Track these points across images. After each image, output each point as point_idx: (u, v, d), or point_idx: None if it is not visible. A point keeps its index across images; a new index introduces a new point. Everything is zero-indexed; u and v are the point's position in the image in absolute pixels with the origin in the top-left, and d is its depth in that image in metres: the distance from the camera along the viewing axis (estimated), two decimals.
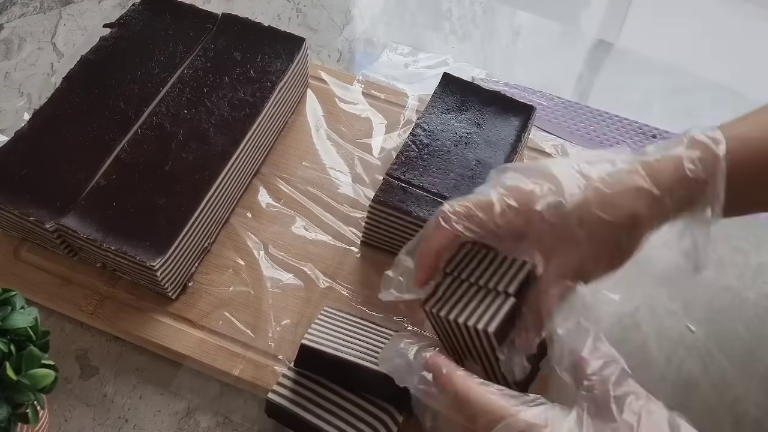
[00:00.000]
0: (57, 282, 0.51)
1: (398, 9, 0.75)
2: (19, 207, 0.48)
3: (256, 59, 0.57)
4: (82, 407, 0.47)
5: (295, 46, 0.58)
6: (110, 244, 0.46)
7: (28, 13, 0.71)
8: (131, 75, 0.56)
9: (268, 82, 0.56)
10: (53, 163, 0.50)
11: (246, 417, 0.47)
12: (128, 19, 0.60)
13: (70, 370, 0.49)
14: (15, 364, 0.37)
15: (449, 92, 0.57)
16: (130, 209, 0.49)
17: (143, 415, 0.47)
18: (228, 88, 0.56)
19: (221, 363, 0.48)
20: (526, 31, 0.74)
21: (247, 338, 0.49)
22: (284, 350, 0.48)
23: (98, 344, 0.50)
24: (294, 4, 0.74)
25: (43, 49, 0.67)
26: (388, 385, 0.37)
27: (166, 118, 0.54)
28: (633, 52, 0.73)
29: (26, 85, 0.65)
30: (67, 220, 0.48)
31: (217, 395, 0.48)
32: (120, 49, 0.58)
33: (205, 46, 0.58)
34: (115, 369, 0.49)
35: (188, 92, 0.55)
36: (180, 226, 0.48)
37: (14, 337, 0.38)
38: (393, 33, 0.72)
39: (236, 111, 0.54)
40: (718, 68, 0.71)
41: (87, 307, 0.50)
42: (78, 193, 0.49)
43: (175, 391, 0.48)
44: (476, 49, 0.72)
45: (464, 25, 0.74)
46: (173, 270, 0.48)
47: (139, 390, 0.48)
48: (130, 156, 0.51)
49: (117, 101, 0.54)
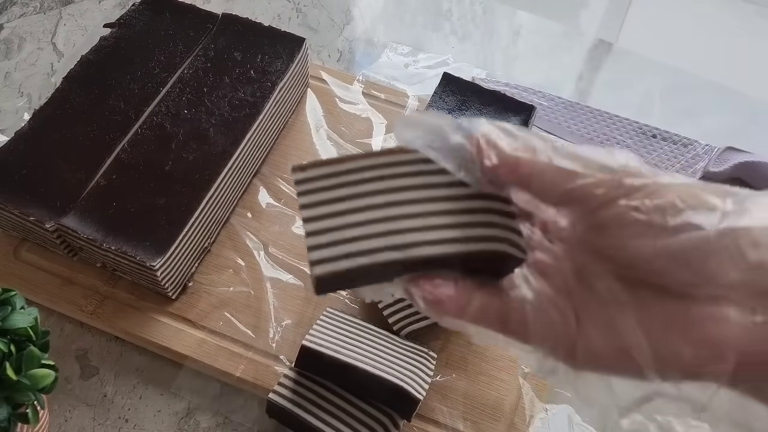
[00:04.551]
0: (57, 282, 0.51)
1: (398, 9, 0.75)
2: (19, 207, 0.48)
3: (256, 59, 0.57)
4: (82, 407, 0.47)
5: (296, 46, 0.58)
6: (110, 244, 0.46)
7: (28, 13, 0.70)
8: (131, 75, 0.56)
9: (269, 82, 0.56)
10: (53, 163, 0.50)
11: (246, 417, 0.47)
12: (128, 19, 0.60)
13: (70, 370, 0.48)
14: (15, 364, 0.37)
15: (449, 92, 0.57)
16: (130, 209, 0.48)
17: (143, 416, 0.47)
18: (228, 88, 0.55)
19: (222, 363, 0.48)
20: (526, 31, 0.74)
21: (247, 338, 0.49)
22: (285, 351, 0.48)
23: (98, 344, 0.50)
24: (294, 4, 0.74)
25: (43, 49, 0.67)
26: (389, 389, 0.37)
27: (166, 118, 0.53)
28: (633, 51, 0.73)
29: (26, 85, 0.64)
30: (67, 220, 0.47)
31: (218, 395, 0.48)
32: (120, 49, 0.57)
33: (205, 46, 0.58)
34: (115, 369, 0.49)
35: (188, 92, 0.55)
36: (180, 226, 0.48)
37: (14, 337, 0.38)
38: (393, 33, 0.72)
39: (236, 111, 0.54)
40: (719, 68, 0.71)
41: (87, 307, 0.50)
42: (78, 193, 0.49)
43: (176, 392, 0.48)
44: (476, 49, 0.72)
45: (464, 25, 0.74)
46: (173, 270, 0.48)
47: (139, 390, 0.48)
48: (131, 156, 0.51)
49: (117, 101, 0.54)
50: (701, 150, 0.62)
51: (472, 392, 0.47)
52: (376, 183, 0.25)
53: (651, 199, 0.22)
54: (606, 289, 0.23)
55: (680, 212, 0.22)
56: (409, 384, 0.42)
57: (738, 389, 0.21)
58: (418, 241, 0.24)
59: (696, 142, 0.63)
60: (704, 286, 0.21)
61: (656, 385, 0.22)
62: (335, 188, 0.25)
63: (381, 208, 0.24)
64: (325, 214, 0.24)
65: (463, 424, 0.46)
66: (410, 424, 0.45)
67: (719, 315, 0.21)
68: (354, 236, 0.24)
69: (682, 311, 0.22)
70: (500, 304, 0.24)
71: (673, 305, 0.22)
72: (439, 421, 0.46)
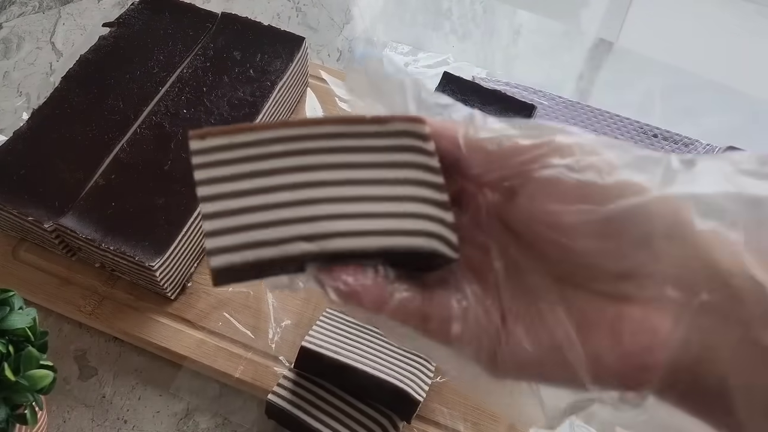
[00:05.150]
0: (55, 282, 0.51)
1: (398, 8, 0.75)
2: (17, 207, 0.48)
3: (255, 58, 0.57)
4: (81, 408, 0.47)
5: (295, 45, 0.58)
6: (109, 244, 0.46)
7: (27, 13, 0.70)
8: (130, 74, 0.55)
9: (268, 82, 0.56)
10: (52, 163, 0.50)
11: (245, 418, 0.47)
12: (127, 18, 0.59)
13: (68, 371, 0.48)
14: (13, 364, 0.36)
15: (450, 91, 0.57)
16: (129, 209, 0.48)
17: (142, 416, 0.47)
18: (227, 88, 0.55)
19: (221, 364, 0.47)
20: (527, 30, 0.74)
21: (246, 339, 0.49)
22: (284, 351, 0.48)
23: (97, 345, 0.50)
24: (294, 3, 0.74)
25: (42, 49, 0.67)
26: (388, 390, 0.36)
27: (165, 117, 0.53)
28: (634, 51, 0.72)
29: (25, 84, 0.64)
30: (65, 220, 0.47)
31: (217, 396, 0.48)
32: (119, 48, 0.57)
33: (204, 46, 0.58)
34: (113, 370, 0.49)
35: (187, 92, 0.55)
36: (179, 226, 0.48)
37: (12, 338, 0.37)
38: (393, 32, 0.72)
39: (236, 111, 0.54)
40: (719, 67, 0.70)
41: (86, 308, 0.49)
42: (77, 193, 0.49)
43: (175, 392, 0.48)
44: (477, 48, 0.71)
45: (464, 24, 0.74)
46: (172, 270, 0.48)
47: (138, 391, 0.48)
48: (129, 156, 0.51)
49: (116, 101, 0.54)
50: (702, 149, 0.62)
51: None
52: (290, 158, 0.21)
53: (586, 156, 0.20)
54: (537, 286, 0.21)
55: (616, 169, 0.20)
56: (409, 385, 0.42)
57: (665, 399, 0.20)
58: (335, 231, 0.20)
59: (697, 141, 0.63)
60: (635, 279, 0.19)
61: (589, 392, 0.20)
62: (240, 162, 0.21)
63: (294, 189, 0.21)
64: (227, 193, 0.20)
65: (464, 426, 0.46)
66: (410, 426, 0.45)
67: (648, 322, 0.19)
68: (260, 222, 0.20)
69: (611, 314, 0.20)
70: (422, 300, 0.21)
71: (603, 305, 0.20)
72: (439, 423, 0.46)
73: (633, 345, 0.19)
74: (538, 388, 0.22)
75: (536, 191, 0.21)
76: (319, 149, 0.21)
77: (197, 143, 0.21)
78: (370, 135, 0.22)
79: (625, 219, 0.19)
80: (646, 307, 0.19)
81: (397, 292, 0.21)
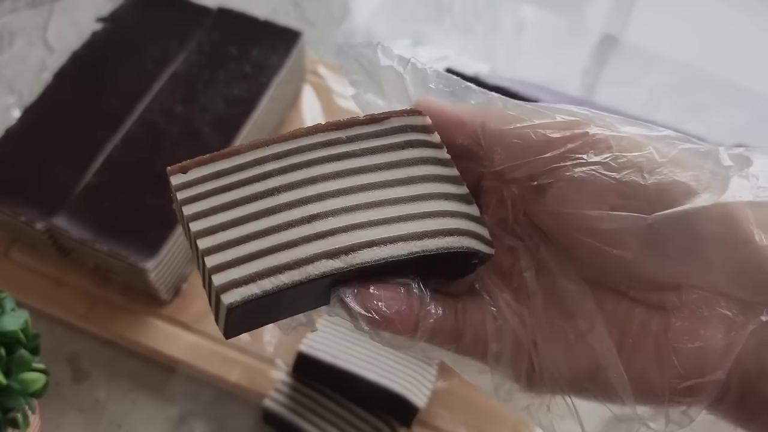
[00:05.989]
0: (48, 283, 0.50)
1: (398, 2, 0.74)
2: (9, 206, 0.47)
3: (251, 54, 0.56)
4: (74, 412, 0.46)
5: (292, 40, 0.57)
6: (102, 245, 0.45)
7: (19, 8, 0.69)
8: (124, 71, 0.55)
9: (264, 78, 0.55)
10: (44, 161, 0.49)
11: (241, 424, 0.46)
12: (121, 13, 0.58)
13: (61, 374, 0.47)
14: (5, 367, 0.36)
15: None
16: (122, 209, 0.47)
17: (136, 421, 0.46)
18: (223, 84, 0.54)
19: (216, 368, 0.46)
20: (531, 25, 0.73)
21: (243, 342, 0.48)
22: (281, 355, 0.47)
23: (90, 348, 0.49)
24: None
25: (34, 45, 0.66)
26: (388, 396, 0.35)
27: (159, 115, 0.52)
28: (639, 47, 0.71)
29: (16, 81, 0.63)
30: (58, 219, 0.46)
31: (212, 401, 0.47)
32: (112, 44, 0.56)
33: (199, 41, 0.57)
34: (107, 373, 0.48)
35: (182, 88, 0.54)
36: (173, 227, 0.47)
37: (4, 340, 0.37)
38: (393, 27, 0.71)
39: (231, 107, 0.53)
40: (727, 64, 0.69)
41: (78, 310, 0.49)
42: (69, 192, 0.48)
43: (169, 397, 0.47)
44: (479, 43, 0.70)
45: (466, 18, 0.73)
46: (166, 272, 0.47)
47: (132, 395, 0.47)
48: (123, 154, 0.50)
49: (109, 98, 0.53)
50: None
51: (474, 398, 0.46)
52: (288, 175, 0.19)
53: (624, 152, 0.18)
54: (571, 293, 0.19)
55: (659, 166, 0.17)
56: (409, 390, 0.41)
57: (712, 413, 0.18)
58: (358, 243, 0.18)
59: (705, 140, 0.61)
60: (682, 288, 0.18)
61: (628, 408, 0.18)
62: (233, 188, 0.19)
63: (300, 206, 0.19)
64: (225, 223, 0.18)
65: (466, 430, 0.45)
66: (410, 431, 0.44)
67: (697, 337, 0.17)
68: (271, 246, 0.18)
69: (656, 327, 0.18)
70: (455, 317, 0.19)
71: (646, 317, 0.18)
72: (441, 428, 0.45)
73: (682, 365, 0.17)
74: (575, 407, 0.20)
75: (569, 192, 0.18)
76: (317, 160, 0.20)
77: (178, 178, 0.19)
78: (369, 136, 0.20)
79: (672, 226, 0.17)
80: (693, 320, 0.18)
81: (431, 313, 0.19)
